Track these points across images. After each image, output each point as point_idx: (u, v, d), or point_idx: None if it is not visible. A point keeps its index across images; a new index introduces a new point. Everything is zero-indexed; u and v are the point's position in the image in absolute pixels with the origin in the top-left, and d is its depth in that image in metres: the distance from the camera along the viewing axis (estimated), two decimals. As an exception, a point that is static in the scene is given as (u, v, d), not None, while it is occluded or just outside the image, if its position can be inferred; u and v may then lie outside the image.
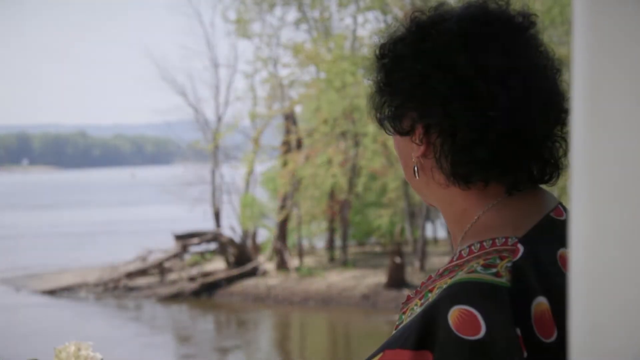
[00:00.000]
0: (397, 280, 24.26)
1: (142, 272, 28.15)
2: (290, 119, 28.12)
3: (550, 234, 1.44)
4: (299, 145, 27.63)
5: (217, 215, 31.76)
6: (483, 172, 1.44)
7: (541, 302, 1.34)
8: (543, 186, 1.53)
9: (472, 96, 1.41)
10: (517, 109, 1.42)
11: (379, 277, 25.08)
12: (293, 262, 27.15)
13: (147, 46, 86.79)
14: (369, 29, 27.82)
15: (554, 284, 1.37)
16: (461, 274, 1.37)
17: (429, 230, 29.10)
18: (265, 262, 27.46)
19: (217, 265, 28.36)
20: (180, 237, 28.19)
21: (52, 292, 27.69)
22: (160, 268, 28.10)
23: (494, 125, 1.41)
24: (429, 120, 1.46)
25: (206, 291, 26.66)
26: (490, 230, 1.44)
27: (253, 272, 26.95)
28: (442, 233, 32.50)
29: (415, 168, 1.51)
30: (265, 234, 30.62)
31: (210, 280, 26.89)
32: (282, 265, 27.13)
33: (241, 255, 27.84)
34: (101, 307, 26.27)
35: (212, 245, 28.57)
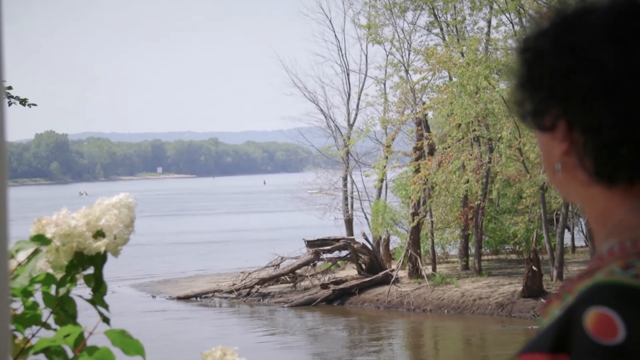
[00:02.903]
0: (533, 289, 23.74)
1: (275, 279, 28.32)
2: (422, 124, 27.84)
3: None
4: (432, 151, 27.33)
5: (348, 222, 31.76)
6: (628, 171, 1.38)
7: None
8: None
9: (618, 93, 1.36)
10: None
11: (514, 286, 24.64)
12: (426, 269, 26.87)
13: (278, 53, 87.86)
14: (503, 31, 27.36)
15: None
16: (600, 276, 1.32)
17: (566, 238, 28.41)
18: (397, 269, 27.24)
19: (349, 272, 28.33)
20: (312, 244, 28.24)
21: (186, 298, 28.14)
22: (293, 275, 28.23)
23: None
24: (572, 117, 1.40)
25: (338, 298, 26.65)
26: (632, 231, 1.38)
27: (385, 280, 26.79)
28: (579, 241, 31.72)
29: (558, 166, 1.45)
30: (397, 241, 30.47)
31: (343, 287, 26.86)
32: (414, 273, 26.90)
33: (373, 263, 27.72)
34: (235, 313, 26.54)
35: (344, 252, 28.50)
